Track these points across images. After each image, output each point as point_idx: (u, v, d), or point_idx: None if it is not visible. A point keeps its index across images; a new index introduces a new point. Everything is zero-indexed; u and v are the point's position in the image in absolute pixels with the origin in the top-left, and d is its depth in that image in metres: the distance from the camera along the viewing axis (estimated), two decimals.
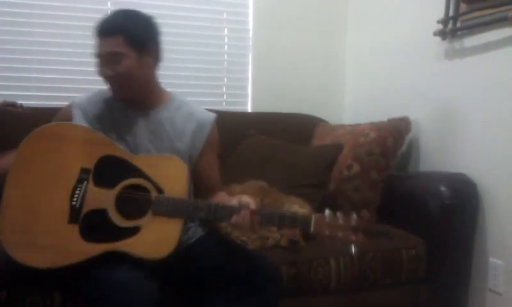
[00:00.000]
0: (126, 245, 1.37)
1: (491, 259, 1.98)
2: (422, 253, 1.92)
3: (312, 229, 1.37)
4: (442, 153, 2.23)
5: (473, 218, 1.99)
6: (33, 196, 1.42)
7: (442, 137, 2.23)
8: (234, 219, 1.37)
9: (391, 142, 2.18)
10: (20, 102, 2.06)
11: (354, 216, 1.38)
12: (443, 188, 1.93)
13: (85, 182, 1.43)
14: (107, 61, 1.49)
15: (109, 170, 1.46)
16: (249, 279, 1.41)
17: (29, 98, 2.40)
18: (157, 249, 1.37)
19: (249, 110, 2.82)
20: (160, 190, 1.43)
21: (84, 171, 1.45)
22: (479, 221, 2.00)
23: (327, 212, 1.39)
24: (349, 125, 2.52)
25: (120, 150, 1.50)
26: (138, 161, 1.48)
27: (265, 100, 2.80)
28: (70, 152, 1.47)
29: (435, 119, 2.27)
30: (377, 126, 2.27)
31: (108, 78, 1.51)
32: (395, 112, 2.31)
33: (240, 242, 1.73)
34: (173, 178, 1.46)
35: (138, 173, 1.46)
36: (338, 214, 1.39)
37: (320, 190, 2.19)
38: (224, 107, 2.75)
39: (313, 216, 1.39)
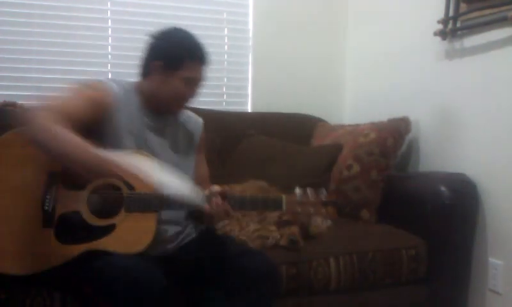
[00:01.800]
0: (103, 244, 1.38)
1: (491, 259, 1.98)
2: (422, 253, 1.92)
3: (284, 208, 1.43)
4: (442, 153, 2.23)
5: (473, 218, 1.99)
6: (5, 204, 1.39)
7: (442, 137, 2.23)
8: (206, 207, 1.41)
9: (391, 143, 2.18)
10: (20, 102, 2.06)
11: (324, 191, 1.45)
12: (443, 189, 1.93)
13: (54, 186, 1.41)
14: (195, 85, 1.57)
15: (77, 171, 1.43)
16: (245, 275, 1.42)
17: (29, 98, 2.40)
18: (135, 243, 1.38)
19: (249, 110, 2.82)
20: (130, 187, 1.43)
21: (52, 175, 1.42)
22: (479, 221, 2.00)
23: (297, 190, 1.45)
24: (349, 125, 2.52)
25: None
26: None
27: (265, 100, 2.80)
28: (36, 157, 1.41)
29: (435, 119, 2.27)
30: (377, 127, 2.27)
31: (190, 99, 1.59)
32: (395, 112, 2.31)
33: (239, 241, 1.73)
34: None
35: None
36: (309, 190, 1.45)
37: None
38: (224, 107, 2.75)
39: (283, 196, 1.44)
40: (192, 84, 1.56)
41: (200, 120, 1.75)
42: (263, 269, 1.45)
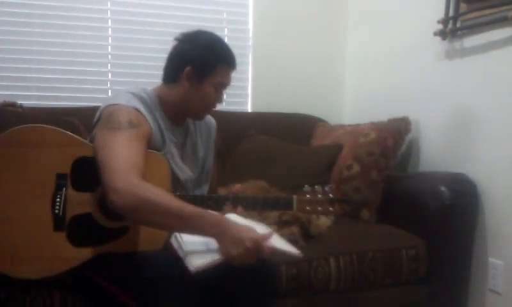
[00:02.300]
0: (118, 246, 1.37)
1: (491, 259, 1.98)
2: (422, 253, 1.92)
3: (294, 208, 1.45)
4: (442, 153, 2.23)
5: (473, 218, 1.99)
6: (12, 208, 1.37)
7: (442, 137, 2.23)
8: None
9: (391, 143, 2.18)
10: (20, 102, 2.06)
11: (331, 187, 1.49)
12: (443, 189, 1.93)
13: (64, 188, 1.38)
14: (224, 90, 1.58)
15: (86, 172, 1.39)
16: (244, 277, 1.41)
17: (29, 98, 2.40)
18: (151, 242, 1.37)
19: (249, 110, 2.82)
20: None
21: (60, 176, 1.39)
22: (479, 221, 2.00)
23: (306, 187, 1.48)
24: (349, 125, 2.52)
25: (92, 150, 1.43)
26: None
27: (265, 100, 2.80)
28: (42, 158, 1.39)
29: (435, 119, 2.27)
30: (377, 127, 2.27)
31: (218, 104, 1.58)
32: (395, 112, 2.31)
33: None
34: (154, 173, 1.42)
35: None
36: (317, 188, 1.48)
37: None
38: (224, 107, 2.73)
39: (294, 196, 1.46)
40: (222, 88, 1.55)
41: (214, 122, 1.75)
42: (261, 270, 1.44)
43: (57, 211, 1.37)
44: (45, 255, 1.36)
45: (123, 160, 1.30)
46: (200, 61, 1.50)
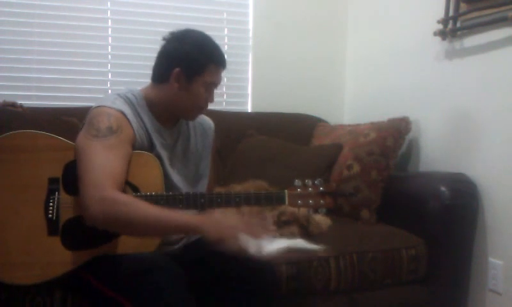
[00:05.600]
0: (112, 248, 1.36)
1: (491, 259, 1.98)
2: (422, 253, 1.92)
3: (286, 202, 1.46)
4: (442, 153, 2.23)
5: (473, 218, 1.99)
6: (5, 214, 1.36)
7: (442, 137, 2.23)
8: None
9: (391, 142, 2.18)
10: (20, 102, 2.07)
11: (321, 181, 1.50)
12: (443, 188, 1.93)
13: (56, 192, 1.38)
14: (214, 89, 1.54)
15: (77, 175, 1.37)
16: (246, 282, 1.41)
17: (29, 98, 2.40)
18: (145, 244, 1.37)
19: (249, 110, 2.82)
20: (135, 189, 1.40)
21: (52, 181, 1.38)
22: (479, 221, 2.00)
23: (296, 181, 1.49)
24: (349, 125, 2.52)
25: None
26: None
27: (265, 100, 2.80)
28: (33, 163, 1.39)
29: (435, 119, 2.27)
30: (377, 126, 2.27)
31: (208, 104, 1.55)
32: (395, 112, 2.31)
33: None
34: (146, 174, 1.42)
35: None
36: (307, 182, 1.50)
37: None
38: (224, 107, 2.75)
39: (286, 191, 1.47)
40: (212, 88, 1.52)
41: (212, 125, 1.72)
42: (264, 278, 1.45)
43: (50, 215, 1.37)
44: (40, 260, 1.35)
45: (96, 174, 1.30)
46: (189, 61, 1.46)
